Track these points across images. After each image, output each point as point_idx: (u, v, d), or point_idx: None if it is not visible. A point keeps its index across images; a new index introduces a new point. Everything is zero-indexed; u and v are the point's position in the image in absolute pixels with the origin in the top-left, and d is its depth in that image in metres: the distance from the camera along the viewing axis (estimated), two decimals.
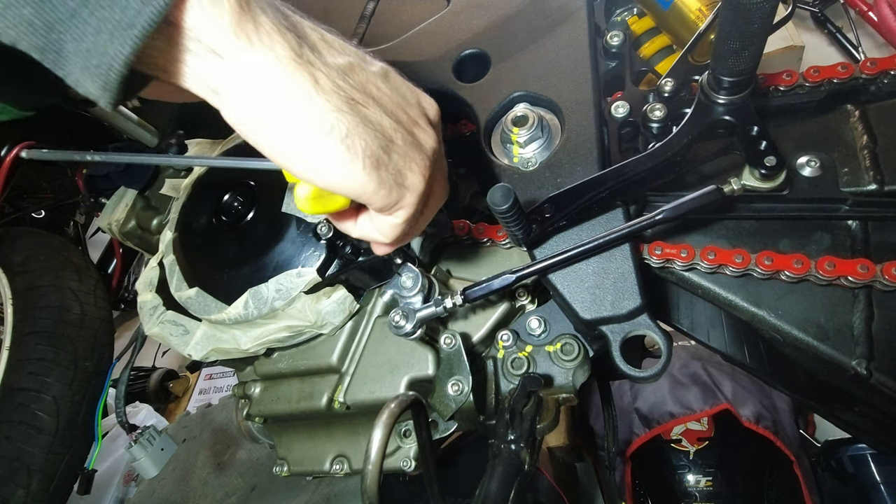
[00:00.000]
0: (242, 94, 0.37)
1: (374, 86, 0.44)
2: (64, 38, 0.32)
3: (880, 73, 0.69)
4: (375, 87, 0.44)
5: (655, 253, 0.68)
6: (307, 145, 0.39)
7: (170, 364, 2.87)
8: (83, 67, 0.33)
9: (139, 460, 1.69)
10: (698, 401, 1.53)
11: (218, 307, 0.79)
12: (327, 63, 0.41)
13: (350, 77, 0.42)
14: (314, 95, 0.38)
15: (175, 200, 0.98)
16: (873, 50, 1.98)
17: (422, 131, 0.47)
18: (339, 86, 0.40)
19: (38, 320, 1.30)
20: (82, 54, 0.32)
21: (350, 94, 0.41)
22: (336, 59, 0.42)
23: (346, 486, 1.36)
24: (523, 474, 0.58)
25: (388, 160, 0.43)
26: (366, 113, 0.41)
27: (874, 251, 0.65)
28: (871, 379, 0.61)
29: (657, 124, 0.70)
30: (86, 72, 0.33)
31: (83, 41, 0.32)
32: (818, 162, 0.67)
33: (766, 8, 0.50)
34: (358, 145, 0.40)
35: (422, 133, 0.47)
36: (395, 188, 0.44)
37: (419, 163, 0.46)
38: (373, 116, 0.42)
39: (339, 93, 0.40)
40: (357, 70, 0.43)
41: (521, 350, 0.72)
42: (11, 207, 1.96)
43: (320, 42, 0.42)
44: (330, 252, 0.76)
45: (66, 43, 0.32)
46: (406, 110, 0.46)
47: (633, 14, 0.91)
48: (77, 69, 0.33)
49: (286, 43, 0.38)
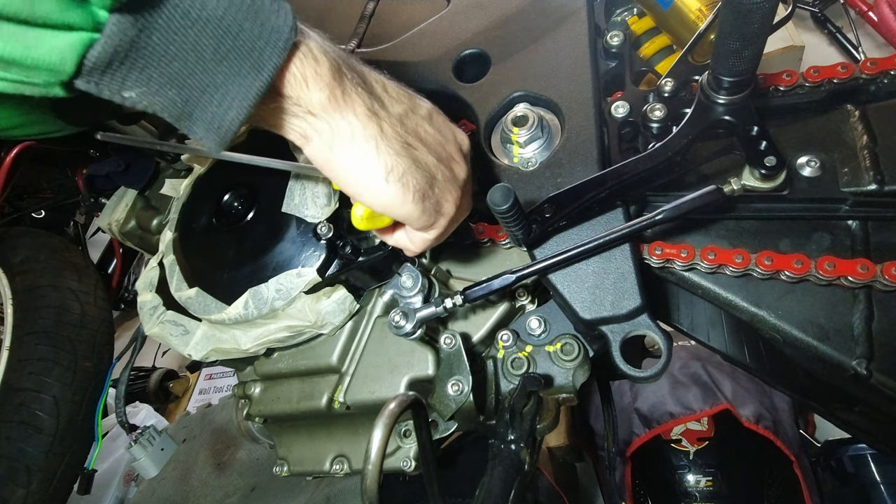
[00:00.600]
0: (328, 142, 0.48)
1: (422, 129, 0.54)
2: (194, 109, 0.42)
3: (880, 73, 0.69)
4: (423, 130, 0.54)
5: (655, 253, 0.68)
6: (373, 182, 0.49)
7: (170, 364, 2.87)
8: (206, 128, 0.43)
9: (139, 460, 1.69)
10: (698, 401, 1.53)
11: (218, 307, 0.79)
12: (390, 113, 0.51)
13: (406, 123, 0.52)
14: (380, 143, 0.49)
15: (175, 200, 0.98)
16: (873, 50, 1.98)
17: (457, 165, 0.57)
18: (398, 132, 0.50)
19: (38, 320, 1.30)
20: (207, 120, 0.42)
21: (405, 139, 0.51)
22: (395, 108, 0.52)
23: (346, 486, 1.36)
24: (523, 474, 0.58)
25: (432, 193, 0.53)
26: (416, 155, 0.52)
27: (874, 251, 0.65)
28: (871, 379, 0.61)
29: (657, 124, 0.70)
30: (209, 131, 0.43)
31: (208, 110, 0.42)
32: (818, 162, 0.67)
33: (766, 8, 0.50)
34: (410, 183, 0.50)
35: (457, 167, 0.57)
36: (434, 214, 0.55)
37: (454, 193, 0.56)
38: (422, 157, 0.52)
39: (397, 138, 0.50)
40: (410, 116, 0.53)
41: (521, 350, 0.72)
42: (11, 207, 1.96)
43: (384, 94, 0.52)
44: (330, 252, 0.76)
45: (195, 112, 0.42)
46: (446, 147, 0.56)
47: (633, 14, 0.91)
48: (201, 129, 0.43)
49: (363, 102, 0.48)
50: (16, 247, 1.46)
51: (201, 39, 0.39)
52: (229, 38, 0.40)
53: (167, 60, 0.39)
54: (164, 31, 0.38)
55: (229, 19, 0.40)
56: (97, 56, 0.36)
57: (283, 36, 0.42)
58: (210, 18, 0.39)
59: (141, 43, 0.37)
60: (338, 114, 0.46)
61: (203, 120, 0.42)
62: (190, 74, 0.40)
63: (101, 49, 0.36)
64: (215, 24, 0.39)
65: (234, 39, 0.40)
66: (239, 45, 0.41)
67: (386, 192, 0.50)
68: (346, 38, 0.95)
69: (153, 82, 0.39)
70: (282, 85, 0.44)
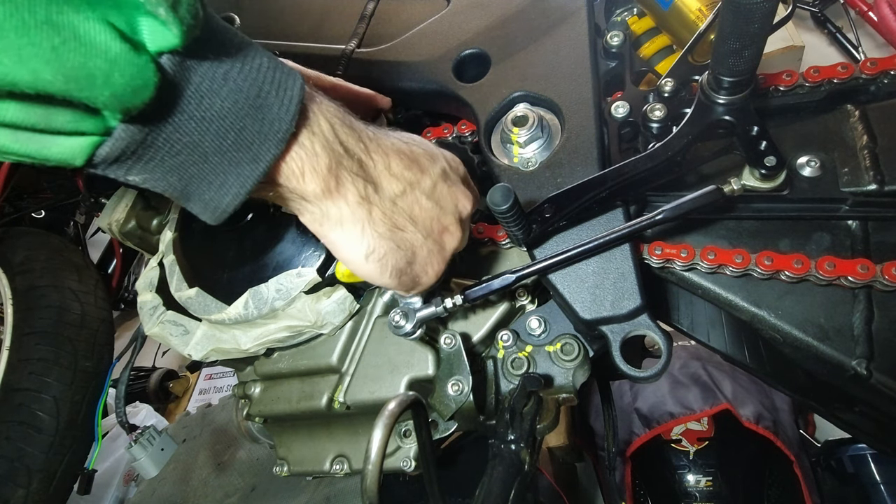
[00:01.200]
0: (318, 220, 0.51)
1: (418, 206, 0.55)
2: (193, 193, 0.44)
3: (880, 73, 0.69)
4: (419, 207, 0.55)
5: (655, 253, 0.68)
6: (354, 258, 0.53)
7: (170, 364, 2.87)
8: (202, 208, 0.46)
9: (139, 460, 1.69)
10: (698, 401, 1.53)
11: (218, 307, 0.79)
12: (383, 197, 0.53)
13: (399, 203, 0.54)
14: (366, 227, 0.52)
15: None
16: (873, 50, 1.98)
17: (449, 235, 0.59)
18: (387, 216, 0.53)
19: (38, 320, 1.31)
20: (204, 203, 0.45)
21: (394, 222, 0.53)
22: (392, 188, 0.53)
23: (346, 486, 1.36)
24: (523, 474, 0.58)
25: (410, 270, 0.56)
26: (402, 236, 0.54)
27: (874, 251, 0.65)
28: (871, 379, 0.61)
29: (657, 124, 0.70)
30: (204, 211, 0.46)
31: (206, 195, 0.44)
32: (818, 162, 0.67)
33: (766, 8, 0.50)
34: (389, 263, 0.54)
35: (448, 237, 0.59)
36: (411, 285, 0.58)
37: (436, 265, 0.58)
38: (408, 238, 0.55)
39: (385, 222, 0.53)
40: (407, 195, 0.54)
41: (521, 350, 0.72)
42: (11, 207, 1.96)
43: (383, 173, 0.53)
44: (330, 252, 0.76)
45: (193, 196, 0.44)
46: (441, 220, 0.57)
47: (633, 14, 0.91)
48: (198, 208, 0.46)
49: (356, 190, 0.50)
50: (16, 247, 1.46)
51: (205, 137, 0.41)
52: (232, 133, 0.42)
53: (171, 155, 0.41)
54: (169, 132, 0.40)
55: (232, 117, 0.42)
56: (105, 154, 0.38)
57: (283, 126, 0.44)
58: (214, 118, 0.41)
59: (147, 142, 0.39)
60: (329, 201, 0.49)
61: (200, 202, 0.45)
62: (191, 164, 0.42)
63: (109, 149, 0.38)
64: (219, 122, 0.41)
65: (238, 134, 0.42)
66: (240, 140, 0.43)
67: (365, 269, 0.54)
68: (346, 38, 0.95)
69: (156, 171, 0.42)
70: (278, 175, 0.46)
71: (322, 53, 0.95)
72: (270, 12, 1.07)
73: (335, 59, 0.93)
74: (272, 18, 1.06)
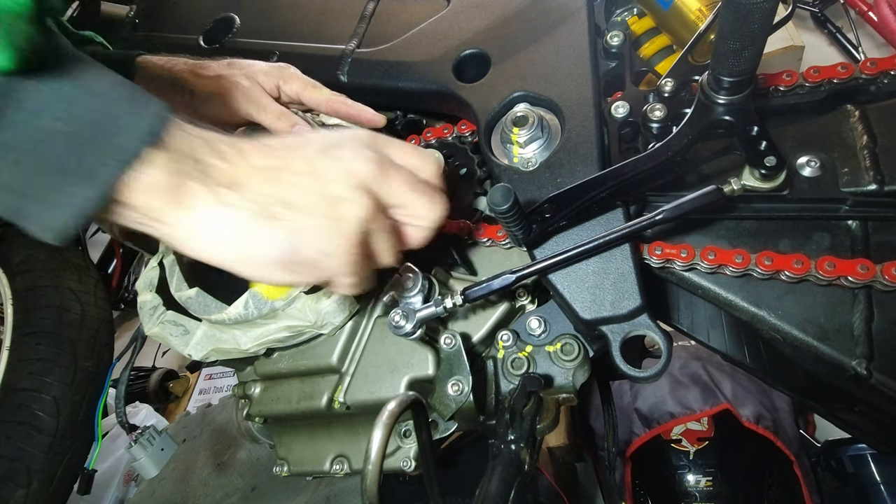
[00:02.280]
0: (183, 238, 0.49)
1: (291, 187, 0.51)
2: (29, 214, 0.45)
3: (880, 73, 0.69)
4: (292, 188, 0.51)
5: (655, 253, 0.68)
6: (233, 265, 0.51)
7: (170, 364, 2.87)
8: (42, 231, 0.45)
9: (139, 460, 1.69)
10: (698, 401, 1.53)
11: (218, 307, 0.79)
12: (248, 193, 0.50)
13: (268, 191, 0.50)
14: (229, 231, 0.49)
15: None
16: (873, 50, 1.98)
17: (348, 203, 0.52)
18: (255, 211, 0.49)
19: (38, 320, 1.30)
20: (41, 224, 0.45)
21: (265, 213, 0.49)
22: (257, 181, 0.50)
23: (346, 486, 1.36)
24: (523, 474, 0.58)
25: (300, 258, 0.51)
26: (276, 225, 0.50)
27: (874, 251, 0.65)
28: (871, 379, 0.61)
29: (657, 124, 0.70)
30: (44, 233, 0.45)
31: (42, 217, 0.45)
32: (818, 162, 0.67)
33: (766, 8, 0.50)
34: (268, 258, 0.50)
35: (347, 206, 0.52)
36: (316, 273, 0.53)
37: (335, 241, 0.52)
38: (285, 225, 0.50)
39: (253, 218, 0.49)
40: (277, 180, 0.51)
41: (521, 350, 0.72)
42: None
43: (245, 172, 0.50)
44: None
45: (30, 216, 0.45)
46: (324, 190, 0.52)
47: (633, 14, 0.91)
48: (37, 231, 0.45)
49: (209, 194, 0.48)
50: (16, 247, 1.46)
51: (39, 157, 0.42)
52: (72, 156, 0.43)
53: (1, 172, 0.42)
54: None
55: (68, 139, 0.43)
56: None
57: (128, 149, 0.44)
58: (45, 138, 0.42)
59: None
60: (181, 213, 0.48)
61: (38, 224, 0.45)
62: (24, 184, 0.43)
63: None
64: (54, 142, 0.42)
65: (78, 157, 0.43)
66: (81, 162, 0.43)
67: (249, 271, 0.51)
68: (346, 38, 0.95)
69: None
70: (123, 196, 0.46)
71: (322, 53, 0.95)
72: (270, 12, 1.07)
73: (335, 59, 0.93)
74: (272, 18, 1.06)
